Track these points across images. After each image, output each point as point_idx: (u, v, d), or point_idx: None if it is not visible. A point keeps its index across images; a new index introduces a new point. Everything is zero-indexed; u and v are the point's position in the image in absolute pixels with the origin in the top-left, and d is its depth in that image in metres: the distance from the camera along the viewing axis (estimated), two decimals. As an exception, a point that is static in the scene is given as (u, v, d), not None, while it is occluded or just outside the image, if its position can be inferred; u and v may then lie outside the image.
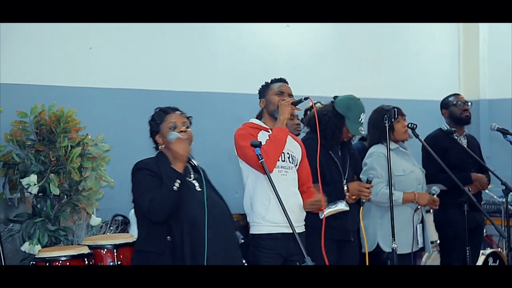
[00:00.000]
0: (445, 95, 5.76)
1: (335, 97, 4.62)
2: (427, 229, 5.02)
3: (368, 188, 4.46)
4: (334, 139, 4.51)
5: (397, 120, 4.78)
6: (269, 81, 4.23)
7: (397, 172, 4.82)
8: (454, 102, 5.54)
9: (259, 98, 4.23)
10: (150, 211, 3.41)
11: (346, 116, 4.48)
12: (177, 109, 3.67)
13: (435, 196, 4.83)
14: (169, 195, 3.38)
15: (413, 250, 4.77)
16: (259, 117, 4.24)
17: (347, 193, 4.43)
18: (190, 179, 3.58)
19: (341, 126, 4.50)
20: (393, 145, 4.91)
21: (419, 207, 4.84)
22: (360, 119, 4.48)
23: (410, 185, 4.81)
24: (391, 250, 4.76)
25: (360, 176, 4.80)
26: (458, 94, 5.76)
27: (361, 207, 4.49)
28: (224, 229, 3.52)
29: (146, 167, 3.51)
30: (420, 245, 4.87)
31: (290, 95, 4.15)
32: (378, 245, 4.82)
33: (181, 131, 3.55)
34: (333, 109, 4.53)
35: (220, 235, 3.47)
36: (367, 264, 4.46)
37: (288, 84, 4.22)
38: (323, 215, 4.20)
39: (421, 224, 4.87)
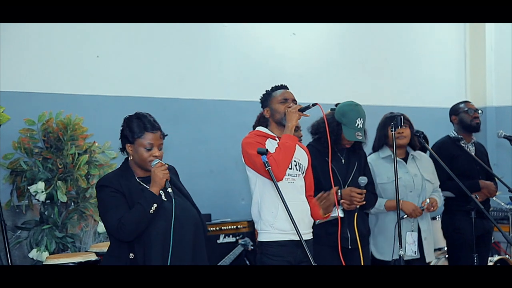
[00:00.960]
0: (451, 102, 5.74)
1: (336, 105, 4.62)
2: (431, 237, 5.01)
3: (360, 194, 4.42)
4: (334, 146, 4.51)
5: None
6: (270, 89, 4.21)
7: (380, 180, 4.88)
8: (465, 109, 5.52)
9: (262, 107, 4.21)
10: (118, 231, 3.35)
11: (342, 123, 4.48)
12: (155, 127, 3.50)
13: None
14: (144, 217, 3.34)
15: (405, 258, 4.76)
16: (257, 124, 4.23)
17: (342, 200, 4.41)
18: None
19: (338, 132, 4.50)
20: (385, 153, 4.94)
21: (405, 216, 4.82)
22: (356, 125, 4.43)
23: (394, 192, 4.77)
24: (382, 258, 4.83)
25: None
26: (469, 101, 5.73)
27: (355, 214, 4.46)
28: (194, 237, 3.47)
29: (109, 185, 3.44)
30: (411, 253, 4.80)
31: (294, 101, 4.14)
32: (371, 253, 4.87)
33: (154, 155, 3.45)
34: (333, 116, 4.53)
35: (190, 245, 3.45)
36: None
37: (289, 89, 4.20)
38: (318, 221, 4.23)
39: (415, 233, 4.83)
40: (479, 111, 5.57)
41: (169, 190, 3.43)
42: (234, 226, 5.99)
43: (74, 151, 4.82)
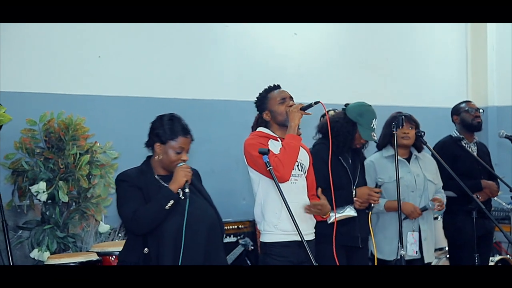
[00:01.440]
0: (453, 102, 5.75)
1: (346, 105, 4.63)
2: (432, 237, 5.01)
3: (377, 193, 4.46)
4: (346, 146, 4.52)
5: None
6: (264, 92, 4.17)
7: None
8: (466, 109, 5.52)
9: (260, 111, 4.18)
10: (133, 222, 3.39)
11: (358, 123, 4.49)
12: (187, 132, 3.55)
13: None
14: (159, 212, 3.38)
15: (406, 258, 4.77)
16: (256, 126, 4.23)
17: (355, 198, 4.44)
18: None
19: (353, 132, 4.50)
20: (388, 152, 4.94)
21: (403, 218, 4.81)
22: (372, 125, 4.47)
23: (396, 192, 4.77)
24: (381, 257, 4.83)
25: None
26: (470, 101, 5.73)
27: (370, 213, 4.49)
28: (207, 237, 3.49)
29: (127, 179, 3.49)
30: (412, 253, 4.80)
31: (291, 97, 4.13)
32: (370, 252, 4.88)
33: (183, 160, 3.51)
34: (345, 116, 4.53)
35: (203, 244, 3.46)
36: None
37: (281, 88, 4.17)
38: (330, 220, 4.22)
39: (416, 233, 4.83)
40: (481, 110, 5.57)
41: (186, 190, 3.45)
42: (236, 226, 6.00)
43: (76, 151, 4.82)
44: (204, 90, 6.33)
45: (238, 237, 5.93)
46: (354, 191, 4.46)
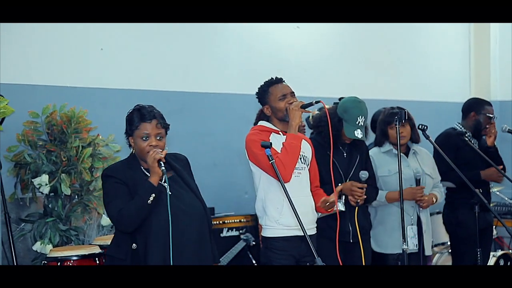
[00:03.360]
0: (455, 96, 5.73)
1: (340, 99, 4.61)
2: (430, 230, 5.01)
3: (362, 188, 4.39)
4: (334, 140, 4.51)
5: (392, 126, 4.82)
6: (265, 85, 4.15)
7: (382, 173, 4.89)
8: (490, 115, 5.44)
9: (261, 103, 4.18)
10: (119, 222, 3.41)
11: (343, 119, 4.47)
12: (155, 117, 3.51)
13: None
14: (143, 208, 3.37)
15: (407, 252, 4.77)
16: (259, 118, 4.21)
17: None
18: (161, 182, 3.49)
19: (339, 128, 4.48)
20: (385, 148, 4.95)
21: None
22: (357, 122, 4.42)
23: (397, 185, 4.77)
24: (382, 251, 4.84)
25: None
26: (491, 105, 5.59)
27: (356, 208, 4.45)
28: (195, 231, 3.48)
29: (113, 175, 3.48)
30: (413, 247, 4.78)
31: (292, 93, 4.10)
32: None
33: (151, 145, 3.46)
34: (335, 111, 4.51)
35: (192, 239, 3.46)
36: (363, 263, 4.44)
37: (284, 82, 4.15)
38: (319, 215, 4.23)
39: (415, 226, 4.81)
40: (495, 117, 5.48)
41: (163, 168, 3.41)
42: (238, 220, 5.99)
43: (78, 144, 4.82)
44: (206, 83, 6.32)
45: (240, 231, 5.93)
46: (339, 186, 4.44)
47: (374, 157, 4.91)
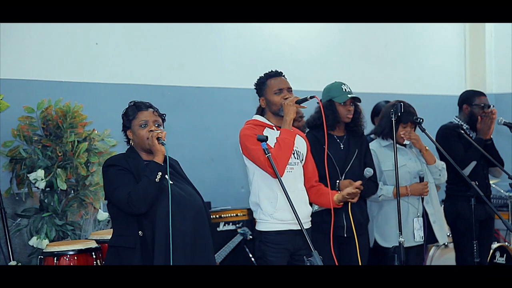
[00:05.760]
0: (451, 89, 5.72)
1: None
2: (440, 219, 5.03)
3: (357, 189, 4.25)
4: (335, 126, 4.52)
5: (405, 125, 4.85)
6: (264, 76, 4.14)
7: (385, 167, 4.88)
8: (481, 105, 5.42)
9: (258, 95, 4.17)
10: (130, 204, 3.38)
11: (331, 97, 4.50)
12: (150, 106, 3.60)
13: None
14: (151, 186, 3.38)
15: (413, 245, 4.79)
16: (259, 112, 4.21)
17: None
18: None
19: (333, 110, 4.51)
20: (385, 142, 4.95)
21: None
22: (344, 90, 4.51)
23: (401, 179, 4.77)
24: (388, 245, 4.82)
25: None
26: (484, 95, 5.54)
27: (349, 203, 4.42)
28: (197, 222, 3.51)
29: (116, 163, 3.50)
30: (419, 239, 4.80)
31: (289, 89, 4.09)
32: (375, 241, 4.88)
33: (151, 130, 3.51)
34: (327, 103, 4.54)
35: (193, 229, 3.48)
36: (359, 259, 4.44)
37: (284, 76, 4.15)
38: (314, 209, 4.23)
39: (421, 218, 4.82)
40: (492, 106, 5.45)
41: (166, 176, 3.45)
42: (234, 214, 6.00)
43: (74, 139, 4.81)
44: (203, 78, 6.31)
45: (237, 225, 5.93)
46: (337, 183, 4.44)
47: (376, 151, 4.90)
